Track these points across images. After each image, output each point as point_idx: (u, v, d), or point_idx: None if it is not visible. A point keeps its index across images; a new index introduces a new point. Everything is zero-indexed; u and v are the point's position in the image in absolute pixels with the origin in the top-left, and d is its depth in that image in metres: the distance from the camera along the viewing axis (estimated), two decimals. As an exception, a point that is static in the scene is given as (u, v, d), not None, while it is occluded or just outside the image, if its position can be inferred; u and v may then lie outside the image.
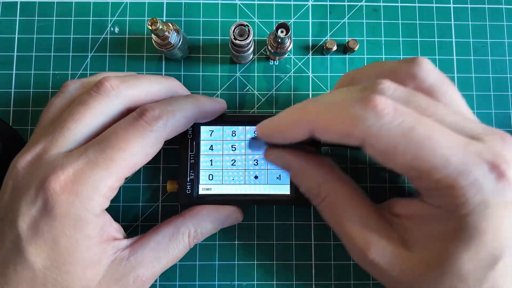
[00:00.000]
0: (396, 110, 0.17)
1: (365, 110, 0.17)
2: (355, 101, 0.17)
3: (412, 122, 0.17)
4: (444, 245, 0.17)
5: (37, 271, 0.19)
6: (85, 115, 0.22)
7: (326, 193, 0.22)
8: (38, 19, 0.31)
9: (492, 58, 0.31)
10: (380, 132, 0.17)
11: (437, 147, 0.16)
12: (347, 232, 0.21)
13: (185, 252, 0.24)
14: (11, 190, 0.21)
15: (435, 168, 0.17)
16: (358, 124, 0.17)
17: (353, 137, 0.18)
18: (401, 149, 0.17)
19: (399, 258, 0.19)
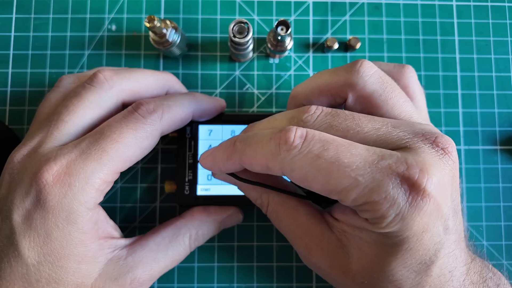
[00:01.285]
0: (305, 140, 0.18)
1: (278, 146, 0.18)
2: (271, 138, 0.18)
3: (318, 150, 0.17)
4: (376, 252, 0.18)
5: (30, 266, 0.19)
6: (79, 107, 0.22)
7: (267, 202, 0.22)
8: (35, 17, 0.30)
9: (495, 57, 0.31)
10: (292, 163, 0.18)
11: (344, 169, 0.17)
12: (290, 238, 0.22)
13: (185, 255, 0.24)
14: (7, 184, 0.21)
15: (346, 189, 0.17)
16: (274, 158, 0.18)
17: (273, 169, 0.19)
18: (312, 176, 0.18)
19: (338, 262, 0.20)
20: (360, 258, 0.19)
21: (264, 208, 0.23)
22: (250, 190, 0.23)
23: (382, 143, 0.18)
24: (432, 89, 0.31)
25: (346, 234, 0.20)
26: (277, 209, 0.22)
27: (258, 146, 0.19)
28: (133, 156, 0.22)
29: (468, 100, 0.31)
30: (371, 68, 0.21)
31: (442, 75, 0.31)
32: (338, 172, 0.17)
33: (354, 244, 0.19)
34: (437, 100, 0.30)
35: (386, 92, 0.20)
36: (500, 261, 0.29)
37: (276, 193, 0.22)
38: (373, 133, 0.18)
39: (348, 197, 0.17)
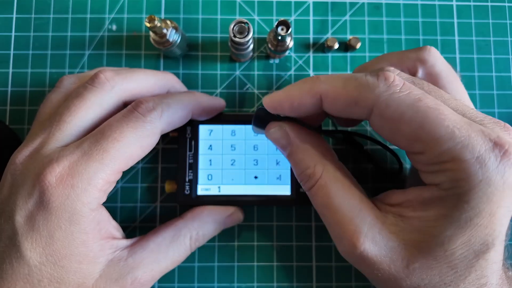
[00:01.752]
0: (405, 84, 0.18)
1: (377, 79, 0.18)
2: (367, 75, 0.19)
3: (419, 94, 0.18)
4: (440, 229, 0.17)
5: (32, 266, 0.19)
6: (81, 107, 0.22)
7: (320, 174, 0.21)
8: (35, 17, 0.30)
9: (495, 57, 0.31)
10: (389, 99, 0.18)
11: (443, 118, 0.17)
12: (337, 219, 0.20)
13: (186, 255, 0.24)
14: (9, 185, 0.21)
15: (440, 139, 0.17)
16: (368, 90, 0.18)
17: (362, 104, 0.18)
18: (408, 117, 0.17)
19: (391, 250, 0.18)
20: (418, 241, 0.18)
21: (312, 180, 0.21)
22: (305, 155, 0.21)
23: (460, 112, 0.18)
24: (432, 89, 0.31)
25: (403, 218, 0.19)
26: (330, 184, 0.20)
27: (350, 79, 0.19)
28: (135, 155, 0.22)
29: (468, 100, 0.31)
30: (440, 54, 0.22)
31: (442, 75, 0.31)
32: (437, 118, 0.17)
33: (412, 227, 0.18)
34: (437, 100, 0.31)
35: (452, 74, 0.22)
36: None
37: (332, 167, 0.21)
38: (452, 102, 0.19)
39: (439, 147, 0.17)
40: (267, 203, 0.27)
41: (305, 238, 0.29)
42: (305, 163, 0.21)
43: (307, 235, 0.29)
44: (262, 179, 0.27)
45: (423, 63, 0.22)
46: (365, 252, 0.19)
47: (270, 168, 0.27)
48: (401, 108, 0.17)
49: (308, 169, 0.21)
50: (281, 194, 0.27)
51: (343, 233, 0.20)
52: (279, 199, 0.26)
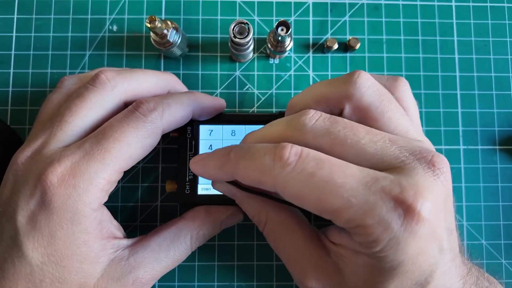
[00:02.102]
0: (300, 158, 0.18)
1: (273, 161, 0.18)
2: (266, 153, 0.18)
3: (312, 168, 0.17)
4: (371, 275, 0.18)
5: (34, 266, 0.19)
6: (82, 108, 0.22)
7: (265, 220, 0.22)
8: (36, 17, 0.30)
9: (494, 57, 0.31)
10: (285, 181, 0.18)
11: (337, 189, 0.17)
12: (285, 259, 0.22)
13: (186, 255, 0.24)
14: (11, 185, 0.21)
15: (339, 210, 0.17)
16: (267, 173, 0.18)
17: (265, 185, 0.19)
18: (306, 194, 0.17)
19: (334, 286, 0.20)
20: (356, 282, 0.19)
21: (261, 226, 0.23)
22: (249, 205, 0.23)
23: (378, 158, 0.18)
24: (431, 90, 0.31)
25: (343, 258, 0.20)
26: (274, 229, 0.22)
27: (253, 160, 0.19)
28: (136, 155, 0.22)
29: (467, 100, 0.31)
30: (368, 79, 0.20)
31: (441, 75, 0.31)
32: (331, 192, 0.17)
33: (350, 268, 0.19)
34: (436, 100, 0.31)
35: (383, 104, 0.20)
36: (499, 260, 0.29)
37: (275, 213, 0.22)
38: (370, 146, 0.18)
39: (341, 218, 0.17)
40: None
41: (304, 237, 0.29)
42: (251, 212, 0.23)
43: (307, 234, 0.29)
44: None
45: (348, 99, 0.20)
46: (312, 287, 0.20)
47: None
48: (297, 187, 0.17)
49: (254, 217, 0.23)
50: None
51: (292, 270, 0.22)
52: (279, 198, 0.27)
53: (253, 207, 0.23)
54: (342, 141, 0.18)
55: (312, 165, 0.17)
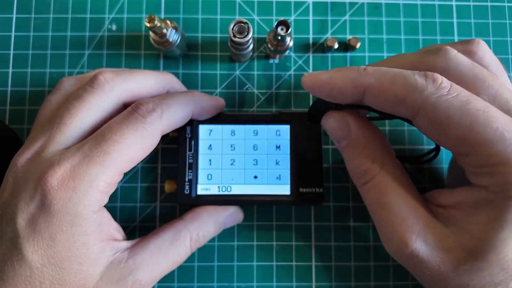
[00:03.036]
0: (452, 85, 0.18)
1: (425, 80, 0.18)
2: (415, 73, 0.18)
3: (467, 97, 0.17)
4: (491, 232, 0.17)
5: (34, 268, 0.19)
6: (81, 110, 0.22)
7: (377, 171, 0.21)
8: (35, 17, 0.30)
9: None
10: (438, 101, 0.17)
11: (492, 121, 0.17)
12: (389, 217, 0.20)
13: (186, 256, 0.24)
14: (11, 187, 0.21)
15: (488, 141, 0.16)
16: (416, 91, 0.18)
17: (408, 104, 0.18)
18: (456, 120, 0.17)
19: (442, 250, 0.18)
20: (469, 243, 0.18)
21: (367, 177, 0.21)
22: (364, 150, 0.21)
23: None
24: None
25: (454, 220, 0.19)
26: (386, 182, 0.20)
27: (399, 76, 0.18)
28: (136, 156, 0.22)
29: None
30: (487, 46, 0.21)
31: (442, 75, 0.31)
32: (486, 120, 0.16)
33: (463, 229, 0.18)
34: (437, 100, 0.31)
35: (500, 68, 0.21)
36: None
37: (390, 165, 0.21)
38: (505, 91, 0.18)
39: (487, 150, 0.17)
40: (267, 203, 0.27)
41: (304, 237, 0.29)
42: (363, 158, 0.21)
43: (307, 234, 0.29)
44: (261, 179, 0.27)
45: (471, 55, 0.20)
46: (416, 252, 0.19)
47: (269, 168, 0.27)
48: (449, 111, 0.17)
49: (364, 164, 0.21)
50: (280, 193, 0.27)
51: (394, 232, 0.20)
52: (278, 199, 0.27)
53: (368, 153, 0.21)
54: (484, 77, 0.18)
55: (467, 94, 0.17)
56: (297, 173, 0.27)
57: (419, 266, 0.19)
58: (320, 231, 0.29)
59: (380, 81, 0.19)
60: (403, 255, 0.19)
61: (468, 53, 0.21)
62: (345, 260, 0.28)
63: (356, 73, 0.19)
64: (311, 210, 0.29)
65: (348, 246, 0.29)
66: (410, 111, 0.18)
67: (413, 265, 0.19)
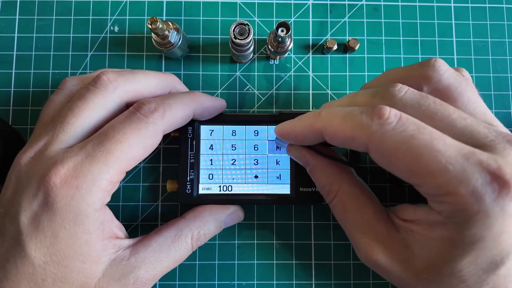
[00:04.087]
0: (400, 119, 0.18)
1: (370, 118, 0.18)
2: (363, 112, 0.19)
3: (413, 130, 0.18)
4: (446, 249, 0.18)
5: (37, 266, 0.19)
6: (84, 109, 0.22)
7: (336, 191, 0.23)
8: (38, 18, 0.31)
9: (493, 58, 0.31)
10: (383, 138, 0.18)
11: (436, 154, 0.17)
12: (353, 232, 0.22)
13: (187, 254, 0.24)
14: (14, 186, 0.21)
15: (433, 174, 0.17)
16: (363, 130, 0.19)
17: (358, 142, 0.19)
18: (402, 154, 0.18)
19: (402, 261, 0.20)
20: (427, 257, 0.19)
21: (330, 196, 0.23)
22: (323, 174, 0.23)
23: (467, 134, 0.18)
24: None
25: (414, 234, 0.20)
26: (345, 201, 0.22)
27: (347, 117, 0.19)
28: (138, 156, 0.22)
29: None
30: (445, 64, 0.21)
31: (440, 76, 0.31)
32: (429, 155, 0.17)
33: (421, 243, 0.19)
34: (435, 100, 0.31)
35: (462, 85, 0.21)
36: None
37: (348, 184, 0.23)
38: (460, 121, 0.18)
39: (433, 182, 0.17)
40: (267, 202, 0.27)
41: (304, 236, 0.29)
42: (323, 181, 0.24)
43: (307, 233, 0.29)
44: (262, 179, 0.27)
45: (427, 81, 0.21)
46: (378, 262, 0.21)
47: (270, 167, 0.27)
48: (394, 145, 0.18)
49: (325, 186, 0.23)
50: (281, 193, 0.27)
51: (358, 244, 0.22)
52: (279, 198, 0.27)
53: (326, 177, 0.23)
54: (432, 113, 0.19)
55: (413, 128, 0.18)
56: (297, 173, 0.27)
57: (385, 273, 0.21)
58: (320, 230, 0.29)
59: (331, 124, 0.20)
60: (370, 264, 0.22)
61: (424, 79, 0.21)
62: (344, 259, 0.29)
63: (312, 119, 0.21)
64: (310, 209, 0.29)
65: (347, 244, 0.29)
66: (361, 146, 0.19)
67: (380, 272, 0.21)
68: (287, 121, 0.23)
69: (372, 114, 0.18)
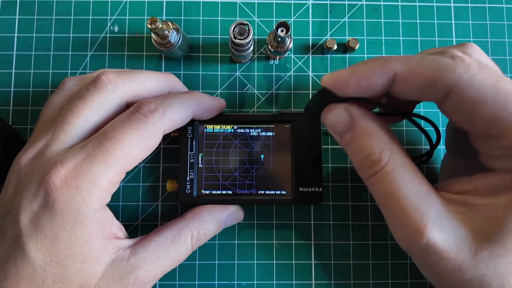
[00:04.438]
0: (482, 66, 0.17)
1: (454, 60, 0.17)
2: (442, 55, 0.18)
3: (498, 76, 0.17)
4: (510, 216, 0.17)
5: (37, 266, 0.19)
6: (84, 109, 0.22)
7: (387, 160, 0.19)
8: (38, 18, 0.31)
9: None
10: (471, 79, 0.17)
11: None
12: (402, 207, 0.19)
13: (187, 254, 0.24)
14: (14, 186, 0.21)
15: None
16: (448, 70, 0.17)
17: (440, 85, 0.18)
18: (490, 98, 0.17)
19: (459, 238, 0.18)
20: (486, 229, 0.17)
21: (377, 167, 0.20)
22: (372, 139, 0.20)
23: None
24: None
25: (470, 206, 0.18)
26: (397, 171, 0.19)
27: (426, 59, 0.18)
28: (138, 156, 0.22)
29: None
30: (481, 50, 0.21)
31: (440, 76, 0.31)
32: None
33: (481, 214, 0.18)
34: (435, 100, 0.31)
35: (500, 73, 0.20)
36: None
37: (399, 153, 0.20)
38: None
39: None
40: (267, 202, 0.27)
41: (304, 236, 0.29)
42: (370, 148, 0.20)
43: (307, 233, 0.29)
44: (262, 179, 0.27)
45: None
46: (432, 241, 0.18)
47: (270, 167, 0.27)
48: (483, 89, 0.17)
49: (373, 154, 0.20)
50: (280, 193, 0.27)
51: (407, 221, 0.19)
52: (278, 198, 0.27)
53: (376, 141, 0.20)
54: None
55: (497, 75, 0.17)
56: (297, 173, 0.27)
57: (435, 257, 0.18)
58: (320, 230, 0.29)
59: (408, 64, 0.18)
60: (417, 246, 0.18)
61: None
62: (344, 259, 0.29)
63: (382, 61, 0.19)
64: (310, 209, 0.29)
65: (347, 244, 0.29)
66: (441, 93, 0.18)
67: (428, 256, 0.18)
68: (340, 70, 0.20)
69: (457, 57, 0.17)
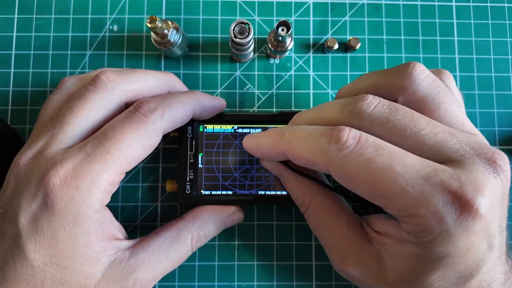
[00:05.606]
0: (359, 142, 0.18)
1: (329, 143, 0.18)
2: (322, 134, 0.19)
3: (371, 153, 0.17)
4: (416, 264, 0.18)
5: (36, 267, 0.19)
6: (83, 109, 0.22)
7: (309, 203, 0.23)
8: (37, 17, 0.30)
9: (495, 57, 0.31)
10: (341, 163, 0.18)
11: (395, 177, 0.17)
12: (326, 243, 0.23)
13: (187, 256, 0.24)
14: (13, 187, 0.21)
15: (394, 197, 0.17)
16: (322, 154, 0.19)
17: (318, 165, 0.19)
18: (360, 178, 0.18)
19: (374, 273, 0.20)
20: (398, 270, 0.19)
21: (304, 208, 0.23)
22: (294, 187, 0.24)
23: (437, 150, 0.18)
24: (432, 89, 0.31)
25: (386, 247, 0.20)
26: (317, 213, 0.23)
27: (307, 140, 0.19)
28: (137, 156, 0.22)
29: (467, 100, 0.31)
30: (423, 71, 0.20)
31: (442, 75, 0.31)
32: (389, 178, 0.17)
33: (392, 257, 0.19)
34: (437, 100, 0.31)
35: (439, 96, 0.20)
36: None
37: (320, 196, 0.23)
38: (430, 137, 0.18)
39: (394, 205, 0.17)
40: (267, 203, 0.27)
41: (304, 237, 0.29)
42: (295, 193, 0.24)
43: (307, 234, 0.29)
44: (262, 179, 0.27)
45: (403, 91, 0.20)
46: (351, 274, 0.21)
47: (270, 168, 0.27)
48: (352, 170, 0.18)
49: (298, 198, 0.24)
50: (281, 193, 0.27)
51: (332, 255, 0.22)
52: (279, 199, 0.27)
53: (298, 189, 0.23)
54: (401, 130, 0.18)
55: (371, 150, 0.17)
56: (297, 173, 0.27)
57: (359, 285, 0.21)
58: (320, 231, 0.29)
59: (292, 146, 0.20)
60: (344, 274, 0.22)
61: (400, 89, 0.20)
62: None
63: (276, 138, 0.21)
64: (311, 210, 0.29)
65: (348, 245, 0.29)
66: (322, 169, 0.19)
67: (355, 283, 0.22)
68: (254, 134, 0.23)
69: (330, 137, 0.18)
